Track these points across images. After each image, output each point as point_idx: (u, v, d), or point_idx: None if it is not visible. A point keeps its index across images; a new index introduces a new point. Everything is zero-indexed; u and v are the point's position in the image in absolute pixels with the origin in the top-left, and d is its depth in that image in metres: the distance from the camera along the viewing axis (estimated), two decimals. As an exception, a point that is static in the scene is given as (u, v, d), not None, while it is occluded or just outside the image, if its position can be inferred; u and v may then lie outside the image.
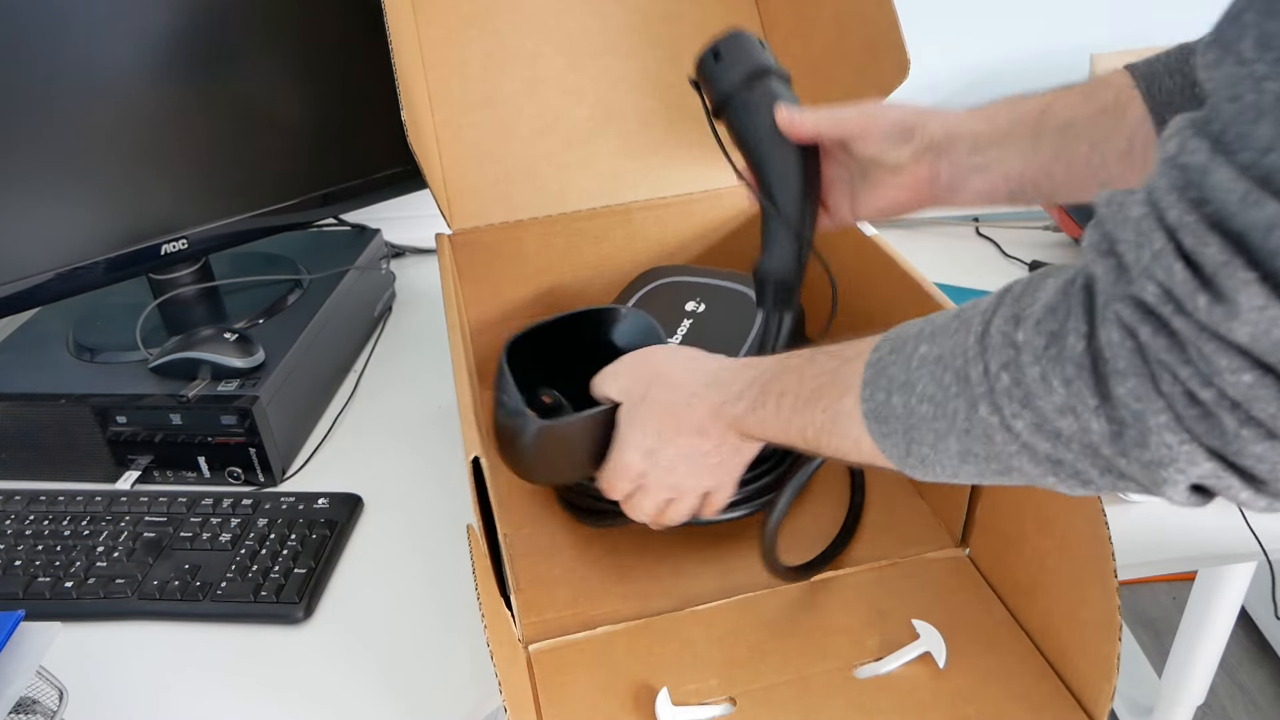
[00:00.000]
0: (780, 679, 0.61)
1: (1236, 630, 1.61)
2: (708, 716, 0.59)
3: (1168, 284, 0.32)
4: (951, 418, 0.42)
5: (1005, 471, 0.42)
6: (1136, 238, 0.33)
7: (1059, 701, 0.59)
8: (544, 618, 0.67)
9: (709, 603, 0.67)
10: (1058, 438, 0.38)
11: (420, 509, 0.79)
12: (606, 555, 0.73)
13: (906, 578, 0.69)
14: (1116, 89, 0.59)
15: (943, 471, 0.44)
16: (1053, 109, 0.59)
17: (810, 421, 0.50)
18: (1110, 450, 0.36)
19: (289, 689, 0.64)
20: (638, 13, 0.92)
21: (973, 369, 0.40)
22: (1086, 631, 0.57)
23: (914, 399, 0.43)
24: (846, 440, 0.48)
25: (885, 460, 0.47)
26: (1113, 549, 0.54)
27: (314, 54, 0.92)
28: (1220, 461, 0.34)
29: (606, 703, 0.60)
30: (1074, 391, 0.36)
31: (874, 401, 0.45)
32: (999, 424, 0.39)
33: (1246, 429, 0.33)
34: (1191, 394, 0.33)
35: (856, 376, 0.47)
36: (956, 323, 0.42)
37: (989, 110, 0.61)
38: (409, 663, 0.65)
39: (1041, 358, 0.37)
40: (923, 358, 0.43)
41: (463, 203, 0.85)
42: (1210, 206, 0.31)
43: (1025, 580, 0.64)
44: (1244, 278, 0.30)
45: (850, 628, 0.65)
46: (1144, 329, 0.34)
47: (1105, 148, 0.58)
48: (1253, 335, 0.31)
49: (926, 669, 0.62)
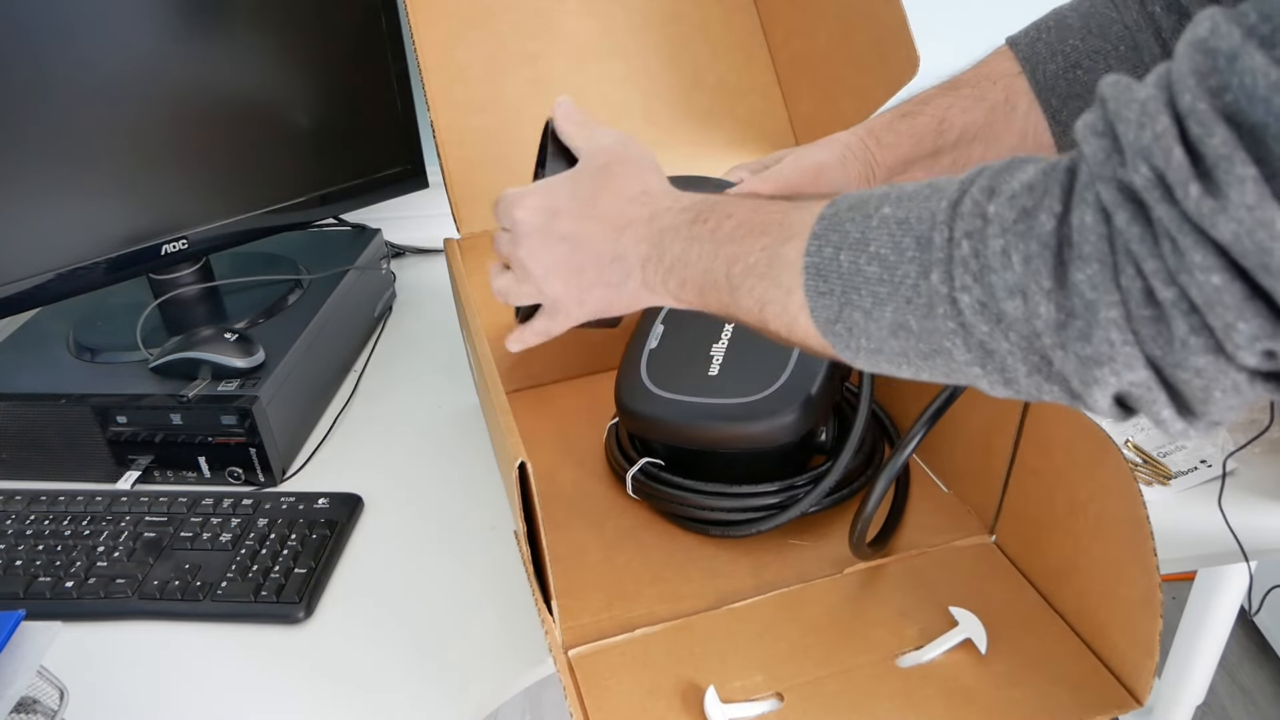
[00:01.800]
0: (824, 672, 0.62)
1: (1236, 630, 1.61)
2: (757, 713, 0.60)
3: (1162, 167, 0.32)
4: (898, 283, 0.40)
5: (930, 354, 0.40)
6: (1139, 117, 0.32)
7: (1100, 681, 0.60)
8: (580, 622, 0.67)
9: (744, 600, 0.68)
10: (998, 322, 0.37)
11: (420, 509, 0.79)
12: (635, 558, 0.73)
13: (937, 566, 0.70)
14: (1005, 83, 0.63)
15: (865, 344, 0.43)
16: (948, 120, 0.63)
17: (743, 255, 0.47)
18: (1051, 339, 0.36)
19: (289, 689, 0.64)
20: (638, 13, 0.92)
21: (937, 234, 0.39)
22: (1126, 611, 0.58)
23: (864, 258, 0.41)
24: (776, 288, 0.45)
25: (807, 322, 0.44)
26: (1151, 529, 0.55)
27: (314, 54, 0.92)
28: (1154, 372, 0.34)
29: (654, 704, 0.60)
30: (1031, 270, 0.35)
31: (820, 256, 0.43)
32: (945, 294, 0.38)
33: (1196, 337, 0.32)
34: (1150, 291, 0.33)
35: (807, 226, 0.44)
36: (929, 189, 0.41)
37: (891, 138, 0.64)
38: (409, 663, 0.65)
39: (1008, 231, 0.36)
40: (884, 218, 0.41)
41: (470, 206, 0.85)
42: (1229, 95, 0.30)
43: (1058, 564, 0.65)
44: (1242, 173, 0.30)
45: (887, 619, 0.66)
46: (1121, 214, 0.33)
47: (1000, 146, 0.62)
48: (1235, 234, 0.30)
49: (968, 655, 0.63)
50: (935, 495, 0.77)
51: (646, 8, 0.92)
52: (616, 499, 0.79)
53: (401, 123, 1.00)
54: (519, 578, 0.71)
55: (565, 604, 0.68)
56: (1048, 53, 0.61)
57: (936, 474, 0.79)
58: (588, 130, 0.57)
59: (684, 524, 0.75)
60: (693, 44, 0.94)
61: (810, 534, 0.74)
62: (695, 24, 0.93)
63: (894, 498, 0.76)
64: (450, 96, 0.86)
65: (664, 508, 0.76)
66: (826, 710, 0.60)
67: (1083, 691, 0.60)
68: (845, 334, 0.43)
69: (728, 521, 0.73)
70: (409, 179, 1.02)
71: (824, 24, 0.88)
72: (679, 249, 0.50)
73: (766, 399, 0.71)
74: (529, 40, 0.89)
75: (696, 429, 0.73)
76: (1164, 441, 0.79)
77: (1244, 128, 0.30)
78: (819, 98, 0.91)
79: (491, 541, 0.75)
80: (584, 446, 0.84)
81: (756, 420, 0.71)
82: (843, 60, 0.86)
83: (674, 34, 0.92)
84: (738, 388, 0.73)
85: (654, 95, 0.92)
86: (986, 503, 0.72)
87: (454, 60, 0.87)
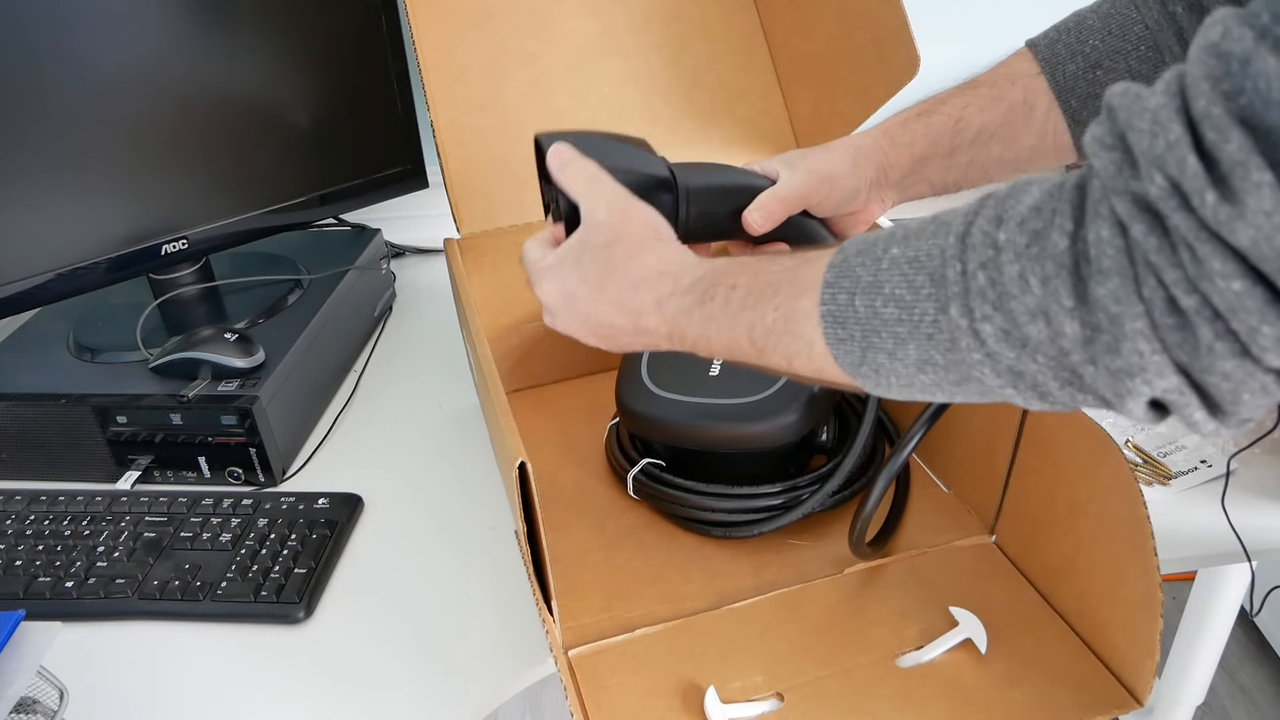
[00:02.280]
0: (824, 672, 0.62)
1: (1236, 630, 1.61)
2: (758, 713, 0.60)
3: (1177, 176, 0.31)
4: (917, 321, 0.40)
5: (961, 382, 0.41)
6: (1151, 126, 0.32)
7: (1101, 681, 0.60)
8: (580, 622, 0.67)
9: (744, 600, 0.68)
10: (1024, 346, 0.37)
11: (420, 509, 0.79)
12: (636, 558, 0.73)
13: (937, 567, 0.70)
14: (1024, 83, 0.63)
15: (895, 382, 0.43)
16: (965, 119, 0.63)
17: (760, 319, 0.48)
18: (1080, 356, 0.36)
19: (289, 689, 0.64)
20: (638, 13, 0.92)
21: (950, 269, 0.39)
22: (1126, 611, 0.58)
23: (879, 300, 0.42)
24: (798, 342, 0.46)
25: (834, 368, 0.45)
26: (1152, 528, 0.55)
27: (314, 54, 0.92)
28: (1185, 377, 0.34)
29: (654, 704, 0.60)
30: (1050, 291, 0.35)
31: (835, 304, 0.44)
32: (967, 327, 0.38)
33: (1221, 342, 0.32)
34: (1173, 300, 0.33)
35: (818, 276, 0.45)
36: (934, 225, 0.41)
37: (907, 136, 0.65)
38: (409, 663, 0.65)
39: (1022, 256, 0.36)
40: (894, 259, 0.42)
41: (470, 207, 0.85)
42: (1243, 99, 0.30)
43: (1058, 564, 0.65)
44: (1258, 179, 0.29)
45: (887, 618, 0.66)
46: (1137, 225, 0.33)
47: (1018, 145, 0.62)
48: (1254, 240, 0.30)
49: (968, 655, 0.63)
50: (935, 495, 0.77)
51: (646, 8, 0.92)
52: (617, 499, 0.79)
53: (401, 123, 1.00)
54: (519, 578, 0.71)
55: (565, 604, 0.68)
56: (1067, 53, 0.61)
57: (936, 474, 0.79)
58: (583, 182, 0.57)
59: (685, 524, 0.75)
60: (693, 44, 0.94)
61: (810, 534, 0.74)
62: (695, 24, 0.93)
63: (894, 498, 0.76)
64: (450, 96, 0.86)
65: (665, 508, 0.76)
66: (827, 710, 0.60)
67: (1083, 692, 0.60)
68: (873, 375, 0.44)
69: (729, 522, 0.73)
70: (409, 179, 1.02)
71: (824, 24, 0.88)
72: (696, 329, 0.52)
73: (767, 399, 0.71)
74: (529, 40, 0.89)
75: (697, 429, 0.73)
76: (1164, 441, 0.79)
77: (1259, 131, 0.30)
78: (819, 98, 0.91)
79: (491, 541, 0.75)
80: (584, 447, 0.85)
81: (757, 420, 0.71)
82: (843, 60, 0.86)
83: (674, 34, 0.92)
84: (739, 388, 0.73)
85: (654, 95, 0.92)
86: (986, 503, 0.72)
87: (454, 60, 0.87)
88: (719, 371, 0.74)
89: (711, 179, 0.63)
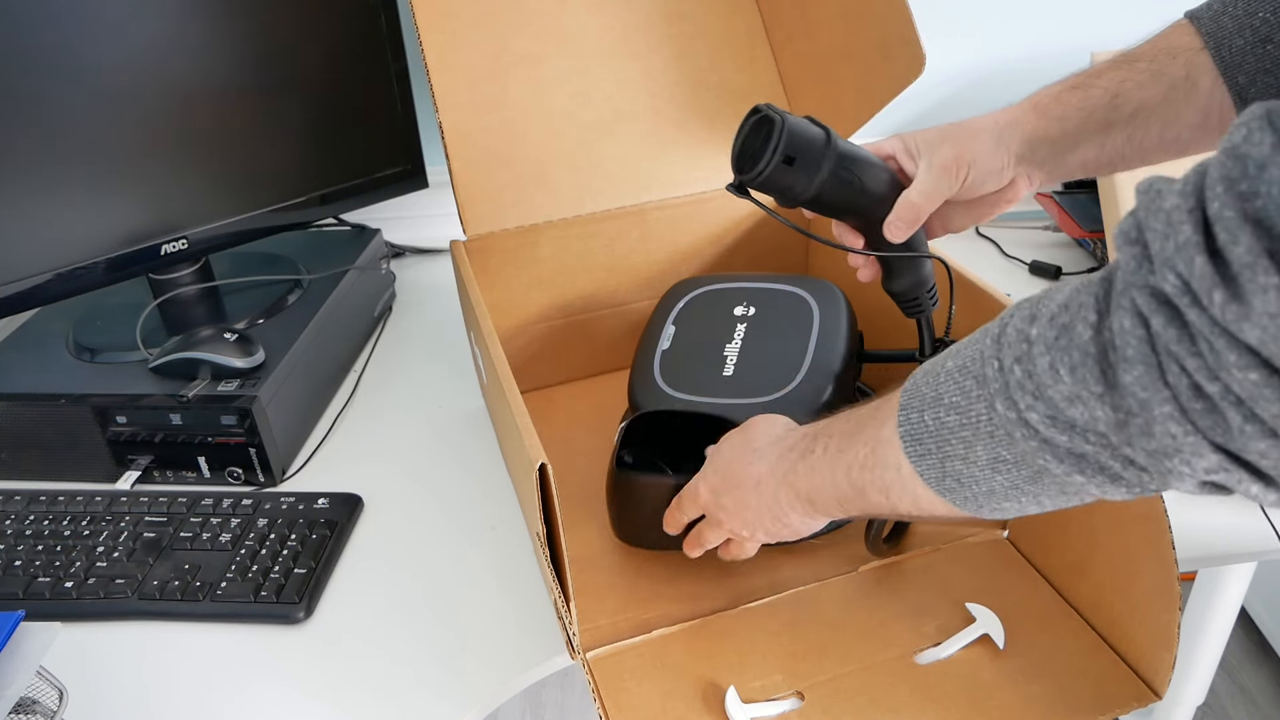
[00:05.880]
0: (843, 670, 0.62)
1: (1236, 630, 1.61)
2: (778, 712, 0.60)
3: (1186, 276, 0.32)
4: (976, 423, 0.43)
5: (1037, 476, 0.42)
6: (1165, 227, 0.33)
7: (1118, 674, 0.61)
8: (596, 624, 0.66)
9: (761, 599, 0.68)
10: (1072, 428, 0.38)
11: (420, 509, 0.79)
12: (650, 560, 0.72)
13: (951, 563, 0.70)
14: (1185, 58, 0.59)
15: (979, 488, 0.45)
16: (1122, 95, 0.60)
17: (854, 458, 0.50)
18: (1118, 438, 0.37)
19: (289, 689, 0.63)
20: (641, 13, 0.92)
21: (988, 367, 0.41)
22: (1143, 604, 0.58)
23: (942, 410, 0.44)
24: (889, 470, 0.48)
25: (926, 490, 0.47)
26: (1169, 522, 0.55)
27: (314, 53, 0.92)
28: (1226, 455, 0.35)
29: (674, 705, 0.60)
30: (1079, 379, 0.37)
31: (909, 423, 0.46)
32: (1016, 418, 0.40)
33: (1250, 425, 0.33)
34: (1198, 387, 0.33)
35: (894, 404, 0.48)
36: (979, 333, 0.44)
37: (1058, 109, 0.62)
38: (409, 663, 0.65)
39: (1052, 348, 0.38)
40: (948, 371, 0.44)
41: (475, 208, 0.85)
42: (1258, 202, 0.31)
43: (1073, 558, 0.65)
44: (1265, 282, 0.30)
45: (904, 615, 0.66)
46: (1157, 318, 0.34)
47: (1179, 124, 0.59)
48: (1261, 339, 0.31)
49: (986, 651, 0.63)
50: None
51: (649, 8, 0.92)
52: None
53: (401, 123, 1.00)
54: (519, 578, 0.71)
55: (582, 606, 0.68)
56: (1234, 27, 0.58)
57: None
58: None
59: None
60: (696, 44, 0.93)
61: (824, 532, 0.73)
62: (698, 24, 0.93)
63: None
64: (455, 97, 0.86)
65: None
66: (848, 708, 0.60)
67: (1102, 684, 0.60)
68: (956, 486, 0.45)
69: None
70: (409, 179, 1.02)
71: (827, 23, 0.88)
72: (805, 477, 0.55)
73: (781, 400, 0.71)
74: (533, 41, 0.89)
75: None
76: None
77: (1272, 234, 0.30)
78: (822, 97, 0.91)
79: (492, 541, 0.75)
80: (593, 448, 0.84)
81: None
82: (847, 60, 0.86)
83: (677, 34, 0.92)
84: (753, 389, 0.72)
85: (657, 95, 0.92)
86: None
87: (458, 61, 0.87)
88: (733, 372, 0.74)
89: (861, 153, 0.64)
